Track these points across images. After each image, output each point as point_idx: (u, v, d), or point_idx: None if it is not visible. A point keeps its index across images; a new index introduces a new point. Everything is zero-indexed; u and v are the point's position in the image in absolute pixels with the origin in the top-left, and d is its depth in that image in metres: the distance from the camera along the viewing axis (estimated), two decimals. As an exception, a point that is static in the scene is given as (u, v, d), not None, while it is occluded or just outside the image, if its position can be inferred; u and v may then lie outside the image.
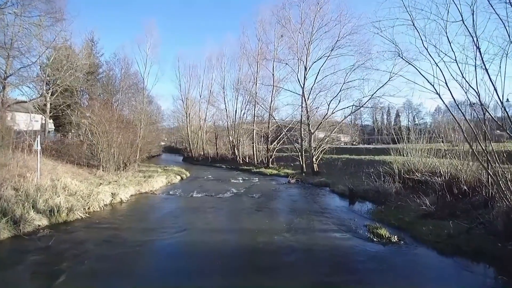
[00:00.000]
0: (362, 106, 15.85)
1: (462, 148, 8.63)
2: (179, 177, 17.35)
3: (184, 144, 43.07)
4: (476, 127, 6.62)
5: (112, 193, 11.03)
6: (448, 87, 6.03)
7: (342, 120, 17.91)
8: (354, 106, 16.06)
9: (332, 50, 15.41)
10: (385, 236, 6.06)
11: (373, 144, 30.68)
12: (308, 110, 17.15)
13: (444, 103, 6.66)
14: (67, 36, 18.58)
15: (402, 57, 6.90)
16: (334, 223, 7.23)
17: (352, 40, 14.82)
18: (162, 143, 68.29)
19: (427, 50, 6.06)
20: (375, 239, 5.99)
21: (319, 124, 17.64)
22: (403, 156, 11.96)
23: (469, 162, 8.44)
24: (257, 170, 21.75)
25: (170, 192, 12.32)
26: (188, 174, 19.75)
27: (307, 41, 16.26)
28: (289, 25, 16.92)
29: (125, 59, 31.46)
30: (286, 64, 18.14)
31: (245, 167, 24.05)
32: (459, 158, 9.06)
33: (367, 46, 14.21)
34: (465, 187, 8.17)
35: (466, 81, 5.75)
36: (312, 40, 16.30)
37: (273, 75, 22.14)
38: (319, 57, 16.38)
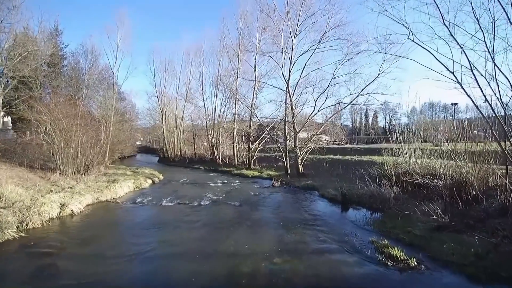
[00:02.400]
0: (351, 104, 14.85)
1: (471, 148, 7.65)
2: (150, 181, 15.41)
3: (160, 144, 40.50)
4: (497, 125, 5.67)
5: (61, 204, 9.09)
6: (474, 76, 4.87)
7: (332, 116, 16.87)
8: (342, 103, 15.02)
9: (319, 42, 14.28)
10: (400, 258, 4.82)
11: (355, 143, 30.21)
12: (293, 107, 15.91)
13: (466, 93, 5.52)
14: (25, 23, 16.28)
15: (413, 40, 5.73)
16: (334, 240, 5.92)
17: (342, 31, 13.77)
18: (138, 143, 64.92)
19: (448, 29, 4.87)
20: (389, 263, 4.73)
21: (305, 122, 16.48)
22: (397, 156, 11.08)
23: (478, 164, 7.52)
24: (238, 171, 20.23)
25: (137, 200, 10.50)
26: (161, 177, 17.81)
27: (292, 32, 15.02)
28: (274, 15, 15.61)
29: (93, 50, 28.64)
30: (270, 57, 16.82)
31: (225, 169, 22.44)
32: (463, 159, 8.16)
33: (359, 38, 13.19)
34: (475, 192, 7.23)
35: (498, 68, 4.62)
36: (297, 33, 15.08)
37: (255, 70, 20.74)
38: (306, 50, 15.22)
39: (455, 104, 21.21)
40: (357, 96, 14.59)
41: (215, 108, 27.33)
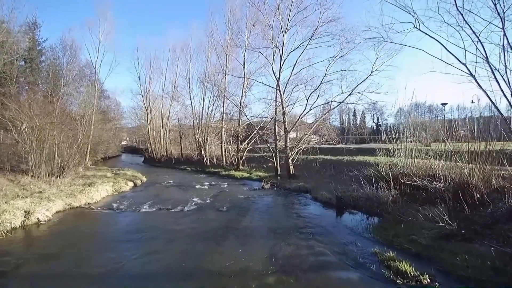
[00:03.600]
0: (343, 102, 14.34)
1: (475, 148, 7.19)
2: (131, 184, 14.38)
3: (146, 144, 39.04)
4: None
5: (25, 211, 8.08)
6: (491, 68, 4.32)
7: (325, 114, 16.30)
8: (334, 102, 14.49)
9: (311, 38, 13.68)
10: (410, 274, 4.22)
11: (343, 143, 29.91)
12: (284, 105, 15.25)
13: (481, 87, 4.97)
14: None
15: (419, 29, 5.15)
16: (332, 252, 5.26)
17: (335, 26, 13.23)
18: (123, 143, 62.80)
19: (462, 15, 4.30)
20: (398, 281, 4.13)
21: (297, 121, 15.86)
22: (392, 156, 10.63)
23: (480, 164, 7.08)
24: (226, 173, 19.41)
25: (114, 206, 9.55)
26: (145, 179, 16.77)
27: (283, 27, 14.36)
28: (264, 8, 14.90)
29: (72, 45, 27.08)
30: (260, 52, 16.07)
31: (213, 169, 21.56)
32: (465, 159, 7.72)
33: (352, 34, 12.69)
34: (479, 195, 6.78)
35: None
36: (288, 28, 14.45)
37: (244, 67, 19.97)
38: (297, 46, 14.59)
39: (445, 104, 21.18)
40: (349, 94, 14.13)
41: (203, 107, 26.40)
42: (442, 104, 20.62)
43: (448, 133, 9.32)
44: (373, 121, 79.23)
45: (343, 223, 7.43)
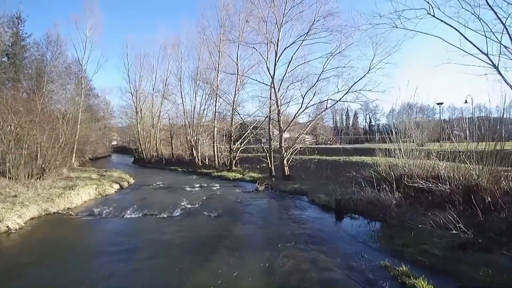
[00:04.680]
0: (340, 101, 13.81)
1: (484, 148, 6.71)
2: (117, 186, 13.53)
3: (136, 144, 37.91)
4: None
5: (-7, 219, 7.26)
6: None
7: (321, 112, 15.74)
8: (331, 100, 13.96)
9: (307, 33, 13.10)
10: (430, 294, 3.65)
11: (339, 143, 29.55)
12: (279, 104, 14.64)
13: (505, 79, 4.45)
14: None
15: (433, 15, 4.59)
16: (337, 266, 4.67)
17: (332, 21, 12.69)
18: (114, 143, 61.22)
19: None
20: (417, 303, 3.54)
21: (292, 119, 15.28)
22: (392, 157, 10.16)
23: (489, 166, 6.62)
24: (219, 173, 18.70)
25: (95, 211, 8.75)
26: (132, 181, 15.93)
27: (279, 21, 13.74)
28: (258, 2, 14.23)
29: (58, 40, 25.92)
30: (254, 48, 15.39)
31: (205, 170, 20.81)
32: (473, 160, 7.27)
33: (353, 25, 12.18)
34: (490, 199, 6.31)
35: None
36: (284, 23, 13.83)
37: (237, 64, 19.29)
38: (293, 41, 13.98)
39: (441, 103, 20.95)
40: (346, 93, 13.62)
41: (195, 106, 25.58)
42: (438, 103, 20.37)
43: (450, 132, 8.90)
44: (365, 121, 79.73)
45: (344, 229, 6.85)
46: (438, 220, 5.87)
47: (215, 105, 22.34)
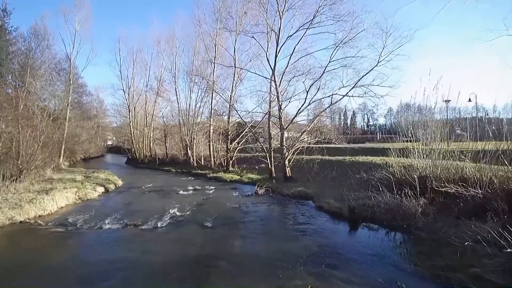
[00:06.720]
0: (347, 95, 12.62)
1: None
2: (101, 189, 12.23)
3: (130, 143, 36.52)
4: None
5: None
6: None
7: (327, 107, 14.50)
8: (337, 95, 12.77)
9: (312, 20, 11.91)
10: None
11: (343, 142, 28.42)
12: (280, 99, 13.46)
13: None
14: None
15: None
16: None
17: (339, 7, 11.52)
18: (109, 143, 59.68)
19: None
20: None
21: (295, 116, 14.10)
22: (407, 157, 9.07)
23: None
24: (214, 175, 17.48)
25: (69, 220, 7.49)
26: (120, 183, 14.65)
27: (280, 8, 12.55)
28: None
29: (45, 34, 24.52)
30: (253, 37, 14.17)
31: (200, 171, 19.57)
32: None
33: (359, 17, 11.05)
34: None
35: None
36: (286, 8, 12.64)
37: (234, 58, 18.08)
38: (296, 29, 12.77)
39: (448, 101, 19.85)
40: (353, 87, 12.50)
41: (190, 103, 24.33)
42: (445, 101, 19.28)
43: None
44: (363, 121, 79.01)
45: (365, 244, 5.68)
46: (481, 232, 4.74)
47: (211, 102, 21.14)
